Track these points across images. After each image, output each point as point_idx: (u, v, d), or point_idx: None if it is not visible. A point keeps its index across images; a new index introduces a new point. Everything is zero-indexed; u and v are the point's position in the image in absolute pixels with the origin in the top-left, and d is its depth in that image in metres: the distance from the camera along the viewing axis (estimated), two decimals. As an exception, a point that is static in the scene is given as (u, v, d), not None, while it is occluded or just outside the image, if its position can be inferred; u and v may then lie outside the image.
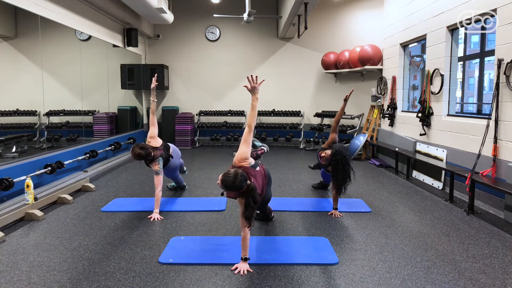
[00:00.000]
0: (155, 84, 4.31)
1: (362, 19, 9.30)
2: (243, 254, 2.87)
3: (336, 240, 3.46)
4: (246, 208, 2.80)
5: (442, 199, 4.88)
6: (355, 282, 2.68)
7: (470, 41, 6.41)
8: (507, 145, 4.26)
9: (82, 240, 3.43)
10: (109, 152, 7.15)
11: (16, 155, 5.24)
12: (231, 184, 2.76)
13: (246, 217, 2.79)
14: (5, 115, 5.64)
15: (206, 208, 4.35)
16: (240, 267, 2.83)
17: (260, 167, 3.26)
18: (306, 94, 9.77)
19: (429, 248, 3.30)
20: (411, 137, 6.61)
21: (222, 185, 2.79)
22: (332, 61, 9.12)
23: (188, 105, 10.02)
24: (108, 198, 4.81)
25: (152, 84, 4.31)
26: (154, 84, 4.30)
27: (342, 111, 4.69)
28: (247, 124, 3.15)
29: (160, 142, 4.32)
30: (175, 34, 9.84)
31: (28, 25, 5.49)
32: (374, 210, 4.37)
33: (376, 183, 5.79)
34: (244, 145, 3.06)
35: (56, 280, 2.68)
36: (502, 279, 2.75)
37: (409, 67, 7.33)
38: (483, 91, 5.54)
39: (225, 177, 2.78)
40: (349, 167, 4.02)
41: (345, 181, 4.03)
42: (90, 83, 7.23)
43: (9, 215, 3.76)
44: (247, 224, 2.80)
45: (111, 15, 7.36)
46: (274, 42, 9.84)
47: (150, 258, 3.05)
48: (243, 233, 2.84)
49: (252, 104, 3.10)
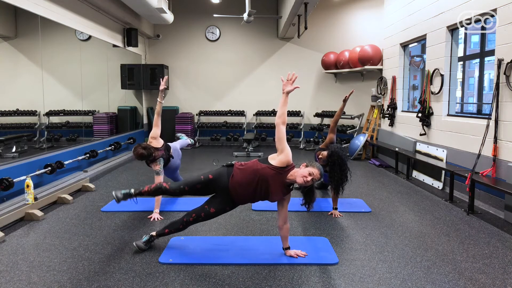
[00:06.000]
0: (164, 86, 4.29)
1: (362, 19, 9.31)
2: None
3: (336, 240, 3.46)
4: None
5: (442, 199, 4.88)
6: (355, 282, 2.68)
7: (470, 41, 6.41)
8: (507, 145, 4.26)
9: (82, 240, 3.43)
10: (109, 152, 7.15)
11: (16, 155, 5.24)
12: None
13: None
14: (5, 115, 5.64)
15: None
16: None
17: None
18: (306, 94, 9.77)
19: (429, 248, 3.30)
20: (411, 137, 6.61)
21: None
22: (332, 61, 9.12)
23: (188, 105, 10.03)
24: (108, 198, 4.80)
25: (161, 86, 4.29)
26: (163, 86, 4.28)
27: (341, 111, 4.70)
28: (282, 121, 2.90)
29: (161, 142, 4.32)
30: (175, 34, 9.84)
31: (28, 25, 5.48)
32: (374, 210, 4.37)
33: (376, 183, 5.79)
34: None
35: (56, 280, 2.68)
36: (502, 279, 2.75)
37: (409, 67, 7.33)
38: (483, 91, 5.54)
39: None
40: (346, 167, 4.02)
41: (342, 181, 4.03)
42: (90, 83, 7.23)
43: (9, 215, 3.76)
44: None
45: (111, 15, 7.36)
46: (274, 42, 9.84)
47: (150, 258, 3.05)
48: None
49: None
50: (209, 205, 3.04)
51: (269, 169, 2.85)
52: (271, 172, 2.84)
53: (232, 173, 2.94)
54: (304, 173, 2.81)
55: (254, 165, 2.92)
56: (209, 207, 3.03)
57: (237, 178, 2.91)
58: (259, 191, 2.89)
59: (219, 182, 2.98)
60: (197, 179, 3.05)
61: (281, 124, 2.86)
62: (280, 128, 2.85)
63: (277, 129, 2.87)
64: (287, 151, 2.85)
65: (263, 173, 2.84)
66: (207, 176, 3.03)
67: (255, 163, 2.93)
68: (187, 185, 3.07)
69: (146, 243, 3.17)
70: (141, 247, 3.15)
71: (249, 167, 2.93)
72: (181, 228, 3.13)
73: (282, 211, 2.99)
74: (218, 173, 3.02)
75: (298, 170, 2.87)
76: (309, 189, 2.98)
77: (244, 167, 2.94)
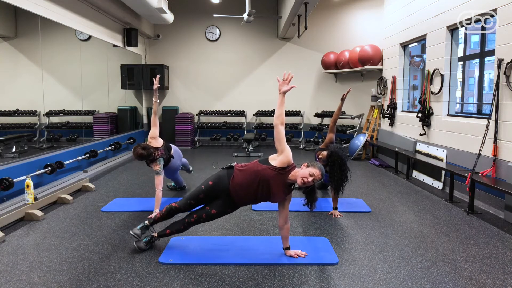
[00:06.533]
0: (157, 85, 4.29)
1: (362, 19, 9.31)
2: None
3: (336, 240, 3.46)
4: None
5: (442, 199, 4.88)
6: (355, 282, 2.68)
7: (470, 41, 6.41)
8: (507, 145, 4.26)
9: (82, 240, 3.43)
10: (109, 152, 7.15)
11: (16, 155, 5.24)
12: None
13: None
14: (5, 115, 5.64)
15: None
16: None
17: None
18: (306, 94, 9.77)
19: (429, 248, 3.30)
20: (411, 137, 6.61)
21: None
22: (332, 61, 9.12)
23: (188, 105, 10.02)
24: (108, 198, 4.81)
25: (154, 85, 4.29)
26: (156, 85, 4.28)
27: (339, 110, 4.71)
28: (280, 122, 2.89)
29: (161, 142, 4.32)
30: (175, 34, 9.84)
31: (28, 25, 5.49)
32: (374, 210, 4.37)
33: (376, 183, 5.79)
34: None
35: (56, 280, 2.68)
36: (502, 279, 2.75)
37: (409, 67, 7.33)
38: (483, 91, 5.54)
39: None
40: (345, 167, 4.02)
41: (342, 181, 4.03)
42: (90, 83, 7.23)
43: (9, 215, 3.76)
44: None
45: (111, 15, 7.36)
46: (274, 42, 9.84)
47: (150, 258, 3.05)
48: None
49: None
50: (211, 207, 3.04)
51: (270, 170, 2.84)
52: (272, 173, 2.84)
53: (233, 175, 2.94)
54: (305, 173, 2.81)
55: (254, 166, 2.91)
56: (210, 208, 3.03)
57: (237, 180, 2.91)
58: (260, 192, 2.88)
59: (220, 185, 2.98)
60: (199, 190, 3.06)
61: (279, 125, 2.85)
62: (279, 129, 2.85)
63: (276, 130, 2.86)
64: (287, 152, 2.85)
65: (264, 174, 2.84)
66: (207, 183, 3.03)
67: (256, 164, 2.93)
68: (192, 199, 3.09)
69: (146, 244, 3.18)
70: (142, 247, 3.15)
71: (250, 168, 2.92)
72: (183, 229, 3.13)
73: (283, 211, 2.99)
74: (218, 177, 3.03)
75: (299, 170, 2.87)
76: (311, 189, 2.98)
77: (245, 169, 2.94)
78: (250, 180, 2.87)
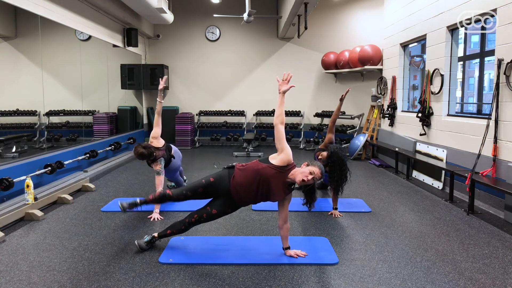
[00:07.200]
0: (163, 86, 4.28)
1: (362, 19, 9.31)
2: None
3: (336, 240, 3.46)
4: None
5: (442, 199, 4.88)
6: (355, 282, 2.68)
7: (470, 41, 6.41)
8: (507, 145, 4.26)
9: (82, 240, 3.43)
10: (109, 152, 7.15)
11: (16, 155, 5.23)
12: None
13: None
14: (5, 115, 5.63)
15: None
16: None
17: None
18: (306, 94, 9.77)
19: (429, 248, 3.30)
20: (411, 137, 6.61)
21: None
22: (332, 61, 9.12)
23: (188, 105, 10.02)
24: (108, 198, 4.81)
25: (160, 85, 4.28)
26: (162, 85, 4.28)
27: (339, 110, 4.71)
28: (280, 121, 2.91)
29: (162, 142, 4.32)
30: (175, 34, 9.84)
31: (28, 25, 5.48)
32: (374, 210, 4.37)
33: (376, 183, 5.79)
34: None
35: (56, 280, 2.68)
36: (502, 279, 2.75)
37: (409, 67, 7.33)
38: (483, 91, 5.54)
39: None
40: (345, 167, 4.02)
41: (342, 182, 4.03)
42: (90, 83, 7.22)
43: (9, 215, 3.76)
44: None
45: (111, 15, 7.36)
46: (274, 42, 9.84)
47: (150, 258, 3.05)
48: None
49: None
50: (211, 207, 3.04)
51: (270, 168, 2.85)
52: (272, 172, 2.84)
53: (233, 174, 2.95)
54: (304, 172, 2.81)
55: (255, 165, 2.92)
56: (211, 208, 3.04)
57: (238, 179, 2.91)
58: (261, 191, 2.89)
59: (221, 184, 2.99)
60: (199, 183, 3.06)
61: (279, 124, 2.86)
62: (279, 128, 2.86)
63: (276, 129, 2.87)
64: (287, 150, 2.86)
65: (264, 173, 2.84)
66: (208, 179, 3.04)
67: (256, 163, 2.93)
68: (189, 190, 3.08)
69: (147, 244, 3.18)
70: (143, 246, 3.16)
71: (250, 167, 2.93)
72: (183, 229, 3.13)
73: (283, 211, 3.00)
74: (219, 175, 3.03)
75: (299, 169, 2.87)
76: (310, 189, 2.98)
77: (245, 168, 2.95)
78: (251, 179, 2.88)
